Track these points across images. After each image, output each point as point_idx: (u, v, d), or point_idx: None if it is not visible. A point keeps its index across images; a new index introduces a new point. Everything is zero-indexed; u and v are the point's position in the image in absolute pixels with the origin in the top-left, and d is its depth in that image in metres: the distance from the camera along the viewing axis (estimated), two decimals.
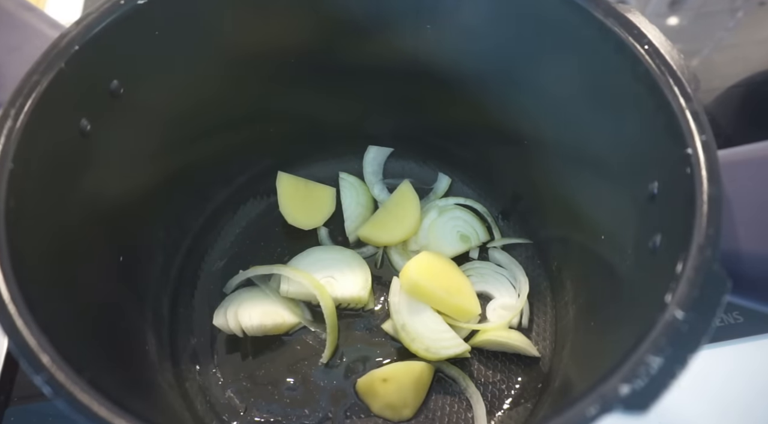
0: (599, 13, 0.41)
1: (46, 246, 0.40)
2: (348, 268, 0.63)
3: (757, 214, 0.37)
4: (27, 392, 0.61)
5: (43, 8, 0.90)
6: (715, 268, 0.32)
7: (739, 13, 0.89)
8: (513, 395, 0.58)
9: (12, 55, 0.46)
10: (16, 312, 0.32)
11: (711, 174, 0.34)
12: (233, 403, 0.58)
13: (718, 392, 0.59)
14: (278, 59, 0.56)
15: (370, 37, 0.55)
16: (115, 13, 0.42)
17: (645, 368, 0.30)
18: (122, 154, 0.49)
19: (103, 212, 0.48)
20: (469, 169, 0.66)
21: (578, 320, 0.56)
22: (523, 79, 0.51)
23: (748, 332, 0.62)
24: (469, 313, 0.58)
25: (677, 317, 0.31)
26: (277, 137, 0.65)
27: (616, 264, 0.46)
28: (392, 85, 0.60)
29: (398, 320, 0.57)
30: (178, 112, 0.54)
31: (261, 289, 0.62)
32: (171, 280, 0.63)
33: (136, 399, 0.44)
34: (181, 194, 0.62)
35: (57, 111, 0.40)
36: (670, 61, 0.38)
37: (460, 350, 0.57)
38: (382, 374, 0.56)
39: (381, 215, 0.66)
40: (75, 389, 0.31)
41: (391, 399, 0.55)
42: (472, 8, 0.48)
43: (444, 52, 0.54)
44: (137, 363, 0.52)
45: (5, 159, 0.36)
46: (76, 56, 0.41)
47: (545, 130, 0.54)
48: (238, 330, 0.59)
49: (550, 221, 0.61)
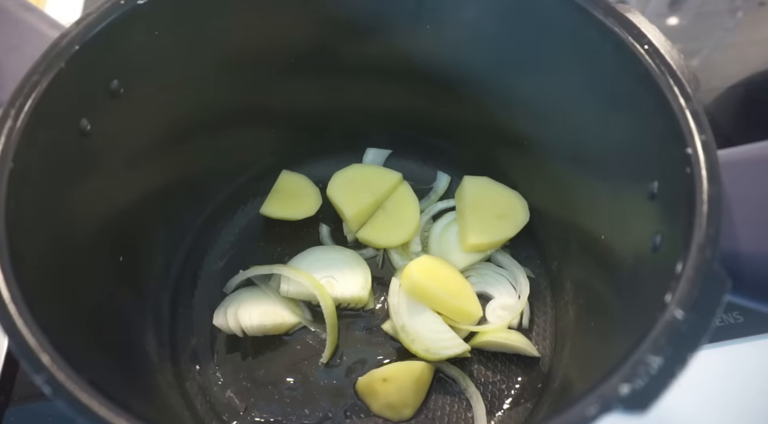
0: (599, 13, 0.41)
1: (46, 246, 0.40)
2: (348, 268, 0.63)
3: (757, 214, 0.37)
4: (27, 392, 0.61)
5: (43, 8, 0.90)
6: (715, 268, 0.32)
7: (739, 13, 0.89)
8: (513, 395, 0.58)
9: (12, 55, 0.46)
10: (16, 312, 0.32)
11: (711, 174, 0.34)
12: (233, 403, 0.58)
13: (717, 392, 0.59)
14: (278, 59, 0.56)
15: (369, 37, 0.55)
16: (115, 13, 0.42)
17: (645, 368, 0.30)
18: (122, 154, 0.49)
19: (103, 212, 0.48)
20: (469, 170, 0.66)
21: (578, 320, 0.56)
22: (523, 79, 0.51)
23: (748, 332, 0.62)
24: (471, 315, 0.58)
25: (677, 316, 0.31)
26: (277, 137, 0.65)
27: (616, 264, 0.46)
28: (392, 85, 0.60)
29: (398, 321, 0.57)
30: (178, 112, 0.54)
31: (261, 289, 0.62)
32: (171, 280, 0.63)
33: (136, 399, 0.44)
34: (181, 194, 0.62)
35: (57, 111, 0.40)
36: (670, 61, 0.38)
37: (460, 350, 0.57)
38: (382, 374, 0.56)
39: (380, 217, 0.66)
40: (75, 389, 0.31)
41: (391, 399, 0.55)
42: (472, 8, 0.49)
43: (443, 51, 0.54)
44: (137, 363, 0.52)
45: (5, 159, 0.36)
46: (76, 56, 0.41)
47: (544, 130, 0.54)
48: (238, 330, 0.59)
49: (549, 221, 0.61)
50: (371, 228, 0.65)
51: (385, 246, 0.65)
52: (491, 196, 0.63)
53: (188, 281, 0.64)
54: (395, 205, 0.66)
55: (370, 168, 0.68)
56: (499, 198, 0.63)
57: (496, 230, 0.61)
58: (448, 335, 0.57)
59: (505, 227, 0.61)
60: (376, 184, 0.66)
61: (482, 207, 0.62)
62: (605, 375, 0.31)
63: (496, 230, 0.61)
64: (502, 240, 0.61)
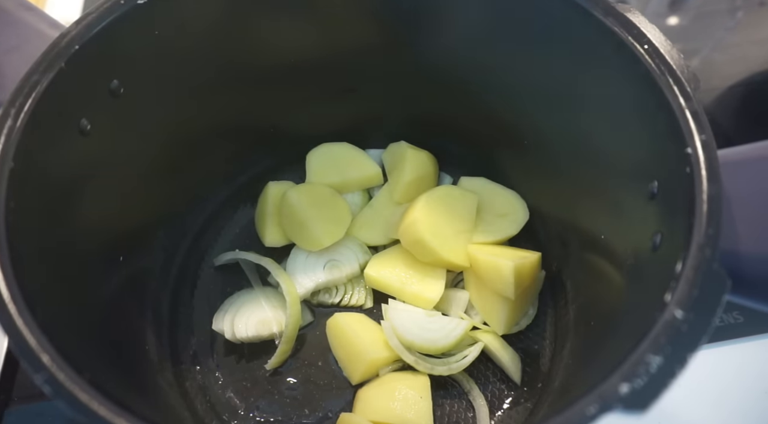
0: (599, 13, 0.41)
1: (46, 246, 0.40)
2: (350, 252, 0.64)
3: (757, 214, 0.37)
4: (27, 392, 0.61)
5: (43, 8, 0.90)
6: (715, 267, 0.32)
7: (739, 13, 0.89)
8: (513, 395, 0.58)
9: (12, 55, 0.46)
10: (16, 312, 0.33)
11: (711, 173, 0.34)
12: (233, 403, 0.58)
13: (717, 391, 0.59)
14: (278, 60, 0.56)
15: (369, 38, 0.55)
16: (115, 13, 0.42)
17: (645, 368, 0.30)
18: (122, 154, 0.49)
19: (103, 211, 0.48)
20: (469, 170, 0.66)
21: (578, 319, 0.56)
22: (523, 78, 0.51)
23: (748, 332, 0.62)
24: (426, 301, 0.59)
25: (677, 316, 0.31)
26: (277, 137, 0.65)
27: (616, 264, 0.46)
28: (392, 86, 0.60)
29: (408, 358, 0.56)
30: (178, 112, 0.54)
31: (257, 294, 0.62)
32: (171, 280, 0.63)
33: (136, 399, 0.44)
34: (181, 194, 0.62)
35: (57, 111, 0.40)
36: (669, 61, 0.38)
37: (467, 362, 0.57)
38: (381, 376, 0.56)
39: (367, 214, 0.66)
40: (75, 389, 0.31)
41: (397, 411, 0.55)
42: (472, 8, 0.48)
43: (443, 52, 0.54)
44: (137, 363, 0.52)
45: (5, 159, 0.36)
46: (76, 56, 0.41)
47: (545, 130, 0.54)
48: (235, 339, 0.59)
49: (550, 221, 0.61)
50: (358, 224, 0.66)
51: (373, 244, 0.65)
52: (490, 196, 0.63)
53: (188, 281, 0.64)
54: (383, 202, 0.66)
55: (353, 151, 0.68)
56: (498, 198, 0.63)
57: (498, 228, 0.61)
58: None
59: (507, 225, 0.62)
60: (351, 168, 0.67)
61: (482, 207, 0.62)
62: (605, 375, 0.31)
63: (498, 229, 0.61)
64: (504, 238, 0.61)
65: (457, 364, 0.57)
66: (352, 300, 0.63)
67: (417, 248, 0.58)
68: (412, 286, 0.60)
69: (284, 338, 0.58)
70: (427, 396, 0.55)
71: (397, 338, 0.56)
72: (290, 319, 0.58)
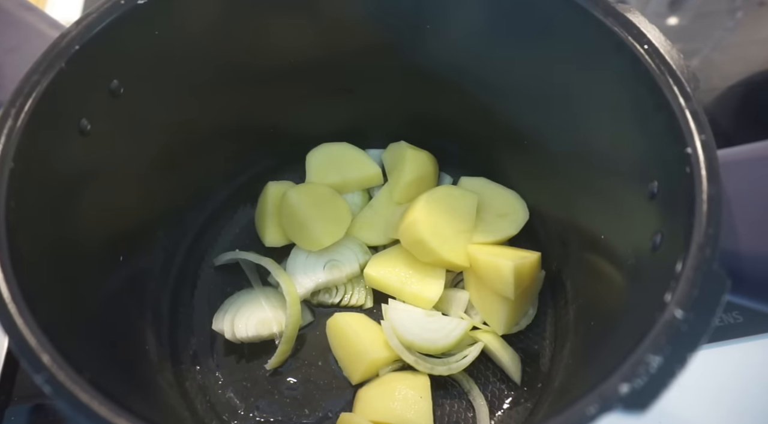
0: (599, 13, 0.41)
1: (46, 246, 0.40)
2: (350, 252, 0.64)
3: (757, 214, 0.37)
4: (27, 392, 0.61)
5: (43, 8, 0.90)
6: (715, 267, 0.32)
7: (739, 13, 0.89)
8: (513, 395, 0.58)
9: (12, 55, 0.46)
10: (16, 312, 0.33)
11: (711, 173, 0.34)
12: (233, 403, 0.58)
13: (717, 391, 0.59)
14: (278, 60, 0.56)
15: (369, 38, 0.55)
16: (115, 13, 0.42)
17: (645, 367, 0.30)
18: (122, 154, 0.49)
19: (103, 211, 0.48)
20: (469, 170, 0.66)
21: (578, 319, 0.56)
22: (523, 79, 0.51)
23: (748, 332, 0.62)
24: (425, 300, 0.59)
25: (677, 316, 0.31)
26: (277, 137, 0.65)
27: (616, 264, 0.46)
28: (391, 86, 0.60)
29: (408, 358, 0.56)
30: (178, 112, 0.54)
31: (257, 294, 0.62)
32: (171, 280, 0.63)
33: (136, 399, 0.44)
34: (181, 194, 0.62)
35: (57, 111, 0.40)
36: (669, 60, 0.38)
37: (467, 362, 0.57)
38: (381, 376, 0.56)
39: (367, 213, 0.66)
40: (75, 389, 0.31)
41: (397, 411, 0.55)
42: (472, 8, 0.48)
43: (443, 51, 0.54)
44: (137, 363, 0.52)
45: (5, 159, 0.36)
46: (76, 56, 0.41)
47: (544, 130, 0.54)
48: (235, 339, 0.59)
49: (550, 221, 0.61)
50: (358, 225, 0.66)
51: (373, 244, 0.65)
52: (490, 196, 0.63)
53: (188, 281, 0.64)
54: (383, 203, 0.66)
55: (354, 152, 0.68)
56: (498, 198, 0.63)
57: (498, 228, 0.61)
58: (455, 357, 0.58)
59: (507, 225, 0.62)
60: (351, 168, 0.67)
61: (482, 207, 0.62)
62: (605, 374, 0.31)
63: (498, 229, 0.61)
64: (504, 238, 0.61)
65: (457, 364, 0.57)
66: (352, 300, 0.63)
67: (417, 248, 0.58)
68: (411, 286, 0.60)
69: (284, 338, 0.58)
70: (427, 396, 0.55)
71: (397, 337, 0.56)
72: (290, 319, 0.58)
